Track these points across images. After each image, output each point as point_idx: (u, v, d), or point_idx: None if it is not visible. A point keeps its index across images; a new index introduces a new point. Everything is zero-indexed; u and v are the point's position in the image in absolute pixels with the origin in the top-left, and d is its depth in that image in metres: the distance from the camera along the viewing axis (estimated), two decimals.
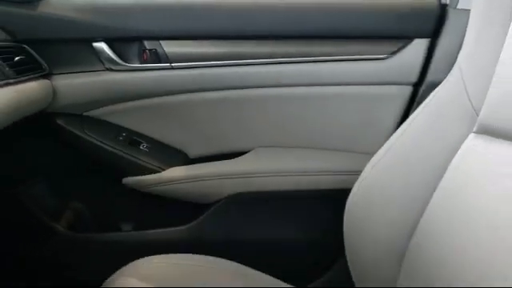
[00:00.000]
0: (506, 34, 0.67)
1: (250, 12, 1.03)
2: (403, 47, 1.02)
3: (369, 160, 0.83)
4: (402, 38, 1.02)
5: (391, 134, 0.81)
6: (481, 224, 0.65)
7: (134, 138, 1.08)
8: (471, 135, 0.70)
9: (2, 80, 0.83)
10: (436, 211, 0.75)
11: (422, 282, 0.75)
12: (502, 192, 0.63)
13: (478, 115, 0.71)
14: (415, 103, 1.02)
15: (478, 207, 0.66)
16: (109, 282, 0.81)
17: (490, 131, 0.68)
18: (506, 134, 0.64)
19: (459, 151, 0.72)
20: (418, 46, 1.02)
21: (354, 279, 0.86)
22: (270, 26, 1.02)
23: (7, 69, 0.85)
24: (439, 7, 1.03)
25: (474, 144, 0.70)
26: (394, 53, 1.02)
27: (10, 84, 0.85)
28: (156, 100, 1.05)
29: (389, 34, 1.03)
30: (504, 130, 0.64)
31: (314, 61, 1.03)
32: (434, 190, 0.74)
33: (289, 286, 0.88)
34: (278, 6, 1.03)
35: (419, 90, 1.02)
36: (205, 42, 1.03)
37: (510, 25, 0.67)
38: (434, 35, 1.02)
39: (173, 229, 1.08)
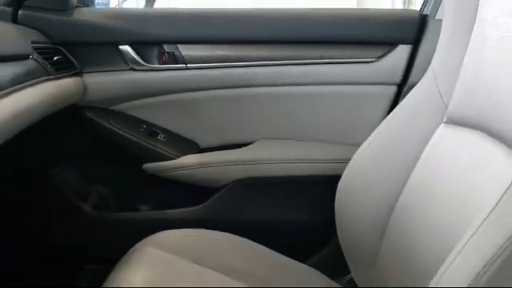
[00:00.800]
0: (469, 40, 0.82)
1: (252, 20, 1.20)
2: (388, 52, 1.18)
3: (356, 150, 0.98)
4: (388, 44, 1.18)
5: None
6: (447, 201, 0.79)
7: (153, 130, 1.23)
8: (441, 125, 0.87)
9: (44, 76, 0.98)
10: (411, 192, 0.89)
11: (400, 252, 0.89)
12: (463, 170, 0.77)
13: (446, 109, 0.86)
14: (399, 101, 1.17)
15: (445, 185, 0.81)
16: (132, 251, 0.95)
17: (455, 121, 0.83)
18: (466, 122, 0.79)
19: (431, 140, 0.88)
20: (402, 51, 1.17)
21: (344, 253, 1.01)
22: (270, 32, 1.19)
23: (48, 66, 1.01)
24: (420, 17, 1.18)
25: (444, 133, 0.86)
26: (380, 57, 1.18)
27: (50, 80, 1.00)
28: (172, 96, 1.20)
29: (376, 40, 1.19)
30: (465, 119, 0.79)
31: (308, 63, 1.18)
32: (410, 174, 0.89)
33: (288, 258, 1.02)
34: (276, 14, 1.20)
35: (402, 89, 1.17)
36: (215, 46, 1.19)
37: (471, 33, 0.82)
38: (415, 42, 1.17)
39: (186, 209, 1.23)
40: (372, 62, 1.18)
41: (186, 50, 1.18)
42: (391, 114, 0.97)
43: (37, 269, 1.10)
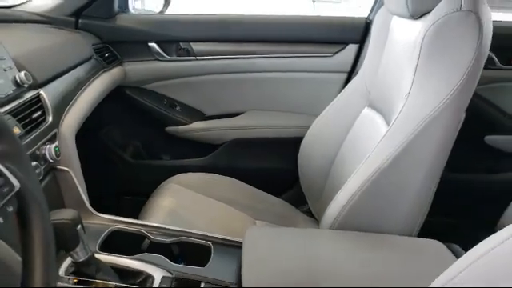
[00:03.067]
0: (383, 51, 1.21)
1: (243, 25, 1.60)
2: (342, 49, 1.59)
3: (315, 120, 1.39)
4: (341, 43, 1.59)
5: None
6: (358, 155, 1.12)
7: (171, 102, 1.67)
8: (365, 108, 1.27)
9: (101, 69, 1.42)
10: (344, 150, 1.29)
11: (334, 187, 1.15)
12: (366, 137, 1.17)
13: (369, 95, 1.25)
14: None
15: (359, 146, 1.20)
16: (160, 187, 1.38)
17: (372, 105, 1.24)
18: (375, 107, 1.19)
19: (358, 117, 1.29)
20: (351, 48, 1.58)
21: (303, 190, 1.42)
22: (256, 33, 1.60)
23: (103, 62, 1.45)
24: (365, 23, 1.58)
25: (366, 113, 1.26)
26: (336, 52, 1.59)
27: (105, 71, 1.44)
28: (186, 79, 1.64)
29: (333, 40, 1.59)
30: (375, 104, 1.19)
31: (284, 56, 1.60)
32: (345, 138, 1.29)
33: (268, 194, 1.45)
34: (261, 20, 1.61)
35: (351, 76, 1.58)
36: (216, 44, 1.61)
37: (387, 38, 1.19)
38: (361, 41, 1.57)
39: (195, 159, 1.67)
40: (330, 56, 1.59)
41: (196, 46, 1.61)
42: (337, 96, 1.37)
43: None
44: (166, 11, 1.72)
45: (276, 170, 1.66)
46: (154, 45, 1.60)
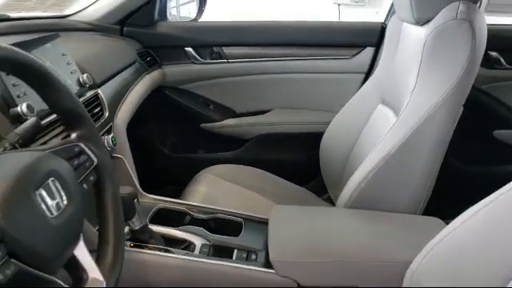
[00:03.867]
0: (397, 46, 1.34)
1: (269, 30, 1.78)
2: (360, 52, 1.74)
3: (335, 116, 1.53)
4: (359, 47, 1.74)
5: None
6: (370, 145, 1.19)
7: (206, 101, 1.85)
8: (379, 105, 1.42)
9: (144, 72, 1.62)
10: (360, 143, 1.40)
11: (350, 173, 1.21)
12: (378, 129, 1.29)
13: (383, 93, 1.39)
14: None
15: (371, 138, 1.32)
16: (195, 178, 1.53)
17: (385, 102, 1.38)
18: (387, 102, 1.33)
19: (373, 114, 1.43)
20: (368, 51, 1.73)
21: (324, 180, 1.55)
22: (280, 38, 1.77)
23: (145, 65, 1.65)
24: (381, 27, 1.72)
25: (380, 109, 1.40)
26: (354, 55, 1.74)
27: (147, 74, 1.63)
28: (218, 80, 1.82)
29: (352, 43, 1.75)
30: (388, 100, 1.32)
31: (307, 59, 1.76)
32: (361, 132, 1.41)
33: (292, 183, 1.60)
34: (285, 25, 1.77)
35: (368, 76, 1.72)
36: (245, 48, 1.79)
37: (398, 42, 1.32)
38: (377, 45, 1.72)
39: (227, 152, 1.85)
40: (349, 58, 1.75)
41: (227, 50, 1.79)
42: (355, 95, 1.51)
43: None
44: (200, 19, 1.91)
45: (299, 162, 1.82)
46: (189, 49, 1.79)
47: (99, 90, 1.18)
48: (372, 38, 1.70)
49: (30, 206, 0.54)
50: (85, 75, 1.12)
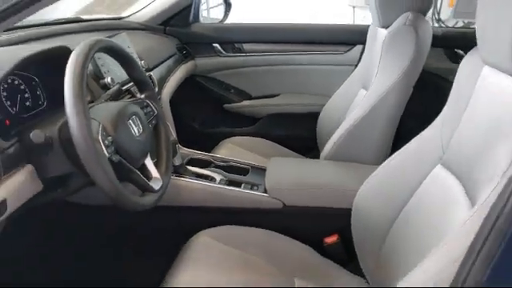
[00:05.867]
0: (373, 43, 1.78)
1: (280, 30, 2.23)
2: (351, 48, 2.17)
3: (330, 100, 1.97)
4: (351, 44, 2.17)
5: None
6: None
7: (228, 87, 2.31)
8: (360, 90, 1.86)
9: (181, 62, 2.09)
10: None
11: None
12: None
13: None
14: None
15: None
16: (218, 145, 2.02)
17: (364, 86, 1.82)
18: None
19: (356, 97, 1.87)
20: (358, 48, 2.16)
21: (319, 148, 2.01)
22: (288, 36, 2.22)
23: (182, 57, 2.12)
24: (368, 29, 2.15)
25: (360, 93, 1.85)
26: (346, 51, 2.18)
27: (183, 64, 2.11)
28: (238, 70, 2.29)
29: (345, 42, 2.18)
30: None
31: (309, 53, 2.21)
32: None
33: (294, 152, 2.06)
34: (292, 27, 2.21)
35: (356, 67, 2.15)
36: (261, 44, 2.25)
37: (373, 41, 1.78)
38: (365, 43, 2.13)
39: (244, 128, 2.29)
40: (342, 53, 2.19)
41: (246, 46, 2.27)
42: (343, 84, 1.96)
43: None
44: (225, 20, 2.39)
45: (300, 136, 2.23)
46: (216, 45, 2.28)
47: (151, 73, 1.65)
48: (361, 37, 2.09)
49: (126, 128, 1.02)
50: (142, 61, 1.60)
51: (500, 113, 0.82)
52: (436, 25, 2.43)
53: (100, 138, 0.92)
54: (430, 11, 2.21)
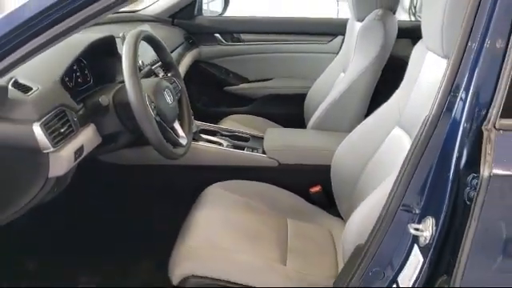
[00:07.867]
0: (350, 35, 2.14)
1: (272, 22, 2.60)
2: (333, 39, 2.54)
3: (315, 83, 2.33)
4: (333, 35, 2.53)
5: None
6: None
7: (228, 71, 2.66)
8: (341, 74, 2.22)
9: (188, 50, 2.43)
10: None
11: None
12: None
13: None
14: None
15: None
16: (220, 122, 2.39)
17: (343, 71, 2.19)
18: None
19: (336, 81, 2.24)
20: (339, 38, 2.51)
21: (306, 122, 2.36)
22: (278, 27, 2.58)
23: (189, 45, 2.47)
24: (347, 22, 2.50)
25: (341, 76, 2.22)
26: (329, 41, 2.54)
27: (189, 51, 2.45)
28: (237, 57, 2.64)
29: (327, 33, 2.54)
30: (345, 70, 2.14)
31: (297, 43, 2.57)
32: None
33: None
34: (282, 20, 2.58)
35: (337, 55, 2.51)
36: (256, 34, 2.61)
37: (350, 33, 2.15)
38: (345, 33, 2.50)
39: (242, 108, 2.61)
40: (325, 43, 2.55)
41: (243, 36, 2.62)
42: (326, 69, 2.32)
43: None
44: (224, 13, 2.74)
45: (290, 114, 2.50)
46: (217, 35, 2.63)
47: None
48: (342, 29, 2.42)
49: (162, 97, 1.37)
50: None
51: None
52: (413, 18, 2.81)
53: (148, 103, 1.27)
54: (407, 6, 2.60)
